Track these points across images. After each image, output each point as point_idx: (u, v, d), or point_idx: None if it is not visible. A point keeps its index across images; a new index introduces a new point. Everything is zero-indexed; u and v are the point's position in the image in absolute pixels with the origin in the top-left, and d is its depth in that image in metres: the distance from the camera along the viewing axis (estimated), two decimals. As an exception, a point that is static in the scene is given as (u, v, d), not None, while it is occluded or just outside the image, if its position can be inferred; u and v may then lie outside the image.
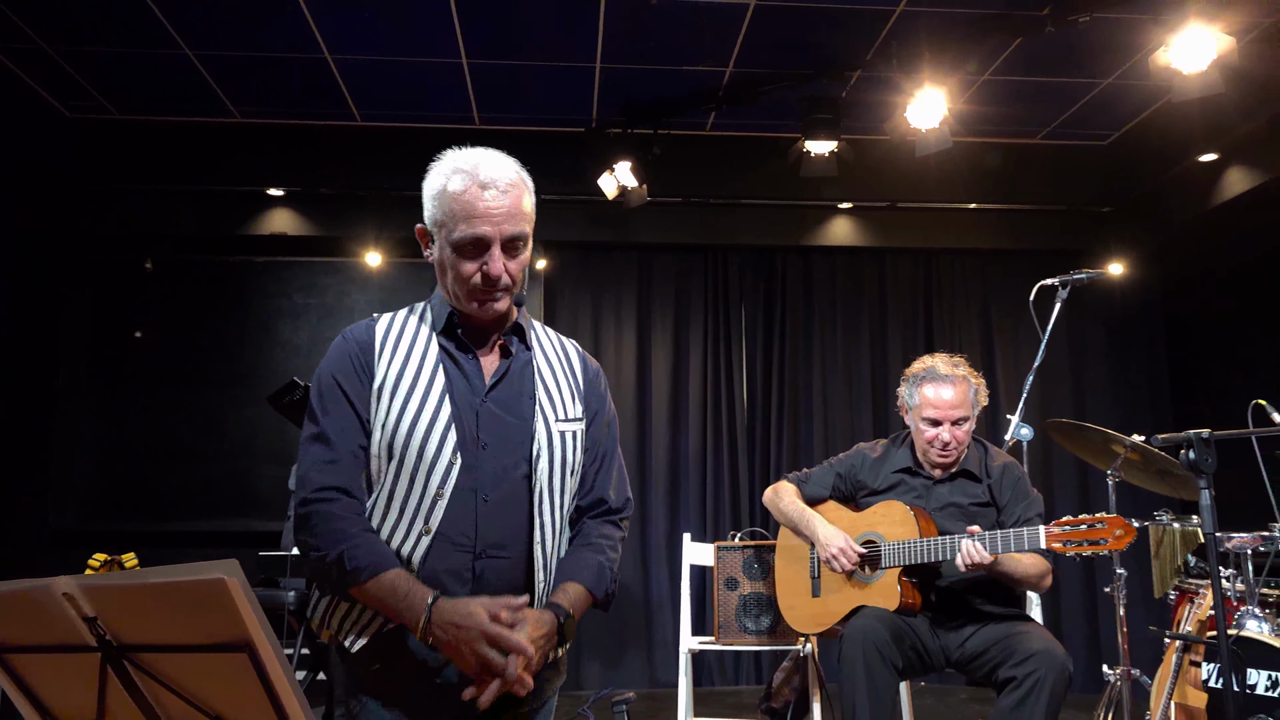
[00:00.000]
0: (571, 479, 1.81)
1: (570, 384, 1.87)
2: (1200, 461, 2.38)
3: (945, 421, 3.08)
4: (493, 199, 1.73)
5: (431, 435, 1.70)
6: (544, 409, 1.79)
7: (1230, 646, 2.36)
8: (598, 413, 1.90)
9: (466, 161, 1.77)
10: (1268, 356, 5.34)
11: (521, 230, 1.75)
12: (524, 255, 1.78)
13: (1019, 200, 6.14)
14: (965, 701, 5.24)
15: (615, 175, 5.45)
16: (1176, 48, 4.04)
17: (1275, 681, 2.91)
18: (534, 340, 1.87)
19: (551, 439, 1.77)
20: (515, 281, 1.76)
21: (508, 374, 1.79)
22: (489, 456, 1.72)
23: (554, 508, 1.77)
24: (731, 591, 3.65)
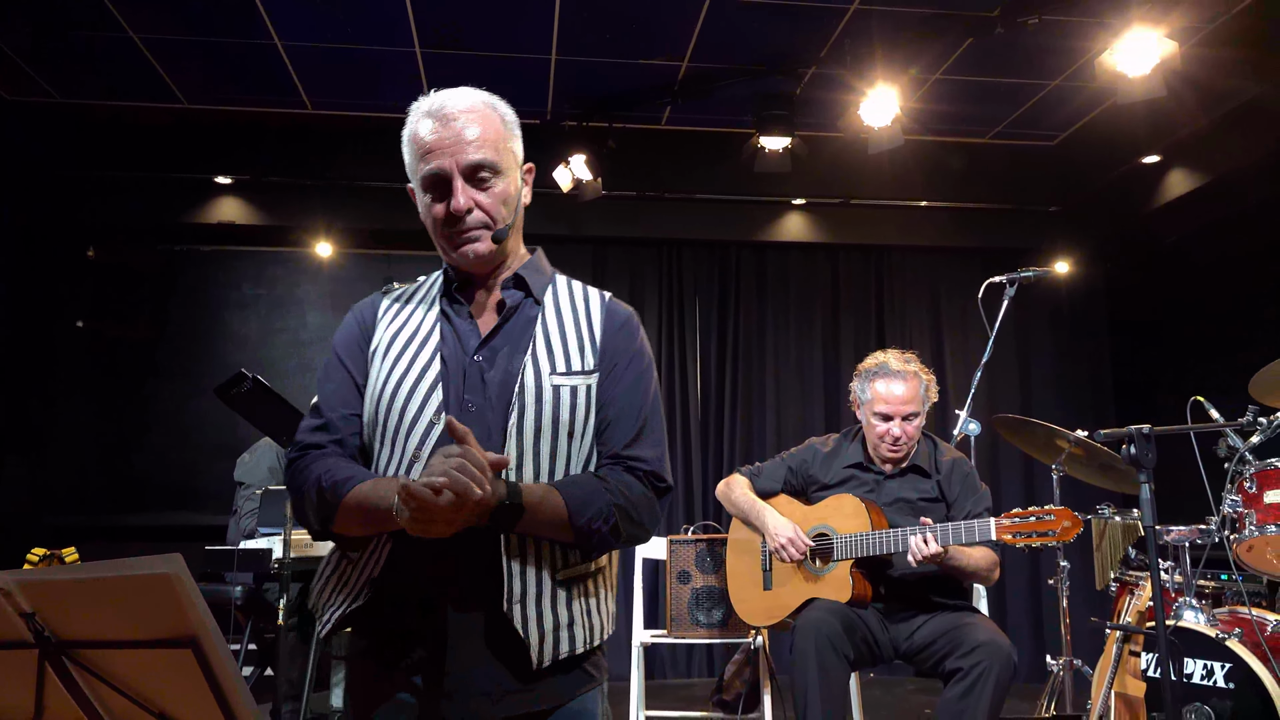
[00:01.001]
0: (572, 441, 1.58)
1: (582, 334, 1.64)
2: (1141, 456, 2.43)
3: (896, 417, 3.12)
4: (446, 130, 1.61)
5: (414, 396, 1.58)
6: (538, 360, 1.58)
7: (1168, 637, 2.42)
8: (615, 365, 1.65)
9: (429, 101, 1.67)
10: (1207, 354, 5.49)
11: (484, 158, 1.59)
12: (501, 187, 1.62)
13: (969, 199, 6.23)
14: (913, 692, 5.31)
15: (570, 168, 5.43)
16: (1121, 51, 4.13)
17: (1210, 671, 3.00)
18: (545, 289, 1.68)
19: (542, 393, 1.55)
20: (493, 216, 1.61)
21: (504, 328, 1.62)
22: (474, 417, 1.54)
23: (540, 472, 1.54)
24: (684, 585, 3.66)
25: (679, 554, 3.69)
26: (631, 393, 1.66)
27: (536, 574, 1.51)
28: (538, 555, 1.51)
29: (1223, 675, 2.97)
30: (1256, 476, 3.05)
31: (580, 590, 1.56)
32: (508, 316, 1.64)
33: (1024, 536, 2.71)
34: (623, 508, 1.56)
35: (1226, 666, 2.96)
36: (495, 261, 1.67)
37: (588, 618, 1.57)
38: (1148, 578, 2.51)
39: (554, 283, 1.72)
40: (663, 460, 1.69)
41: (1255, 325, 5.13)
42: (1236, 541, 3.06)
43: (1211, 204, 5.44)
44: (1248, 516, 3.03)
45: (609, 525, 1.53)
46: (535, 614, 1.49)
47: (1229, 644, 2.96)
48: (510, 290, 1.66)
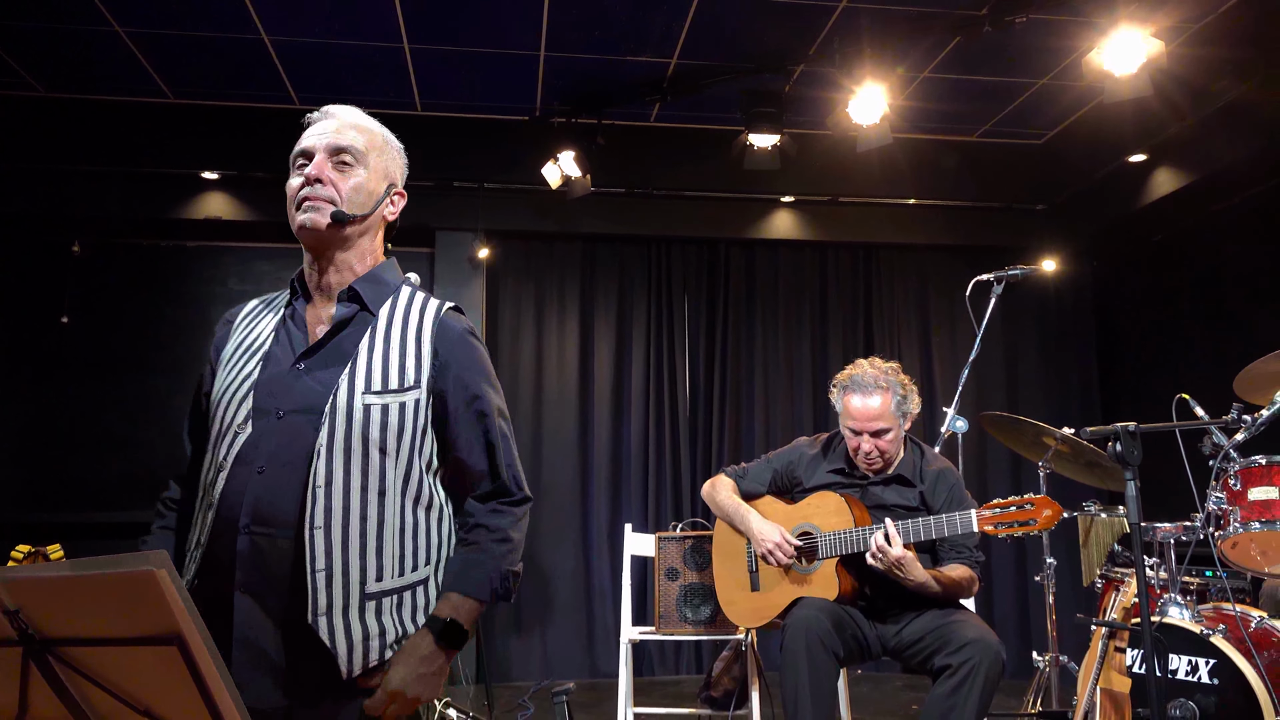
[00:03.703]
0: (386, 458, 1.59)
1: (408, 351, 1.65)
2: (1127, 454, 2.44)
3: (865, 432, 3.10)
4: (328, 122, 1.74)
5: (232, 403, 1.62)
6: (354, 377, 1.59)
7: (1153, 633, 2.43)
8: (449, 376, 1.68)
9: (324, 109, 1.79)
10: (1192, 352, 5.52)
11: (349, 144, 1.70)
12: (358, 179, 1.70)
13: (957, 196, 6.25)
14: (901, 689, 5.33)
15: (559, 165, 5.42)
16: (1108, 50, 4.15)
17: (1195, 667, 3.02)
18: (384, 302, 1.70)
19: (352, 412, 1.57)
20: (341, 196, 1.67)
21: (331, 340, 1.65)
22: (282, 426, 1.57)
23: (350, 490, 1.55)
24: (672, 581, 3.66)
25: (667, 551, 3.69)
26: (476, 422, 1.70)
27: (344, 588, 1.54)
28: (345, 569, 1.54)
29: (1207, 671, 2.99)
30: (1241, 474, 3.07)
31: (394, 603, 1.59)
32: (337, 329, 1.66)
33: (1005, 526, 2.72)
34: (503, 550, 1.69)
35: (1211, 662, 2.98)
36: (325, 243, 1.69)
37: (401, 626, 1.60)
38: (1133, 574, 2.52)
39: (396, 294, 1.73)
40: (517, 475, 1.76)
41: (1240, 324, 5.16)
42: (1221, 538, 3.08)
43: (1198, 203, 5.47)
44: (1232, 513, 3.05)
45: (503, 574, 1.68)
46: (343, 626, 1.53)
47: (1213, 640, 2.98)
48: (344, 302, 1.69)
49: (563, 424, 6.10)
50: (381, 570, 1.57)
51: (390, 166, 1.81)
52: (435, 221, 5.96)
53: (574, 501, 6.04)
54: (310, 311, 1.71)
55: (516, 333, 6.17)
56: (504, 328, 6.16)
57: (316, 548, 1.52)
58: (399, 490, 1.61)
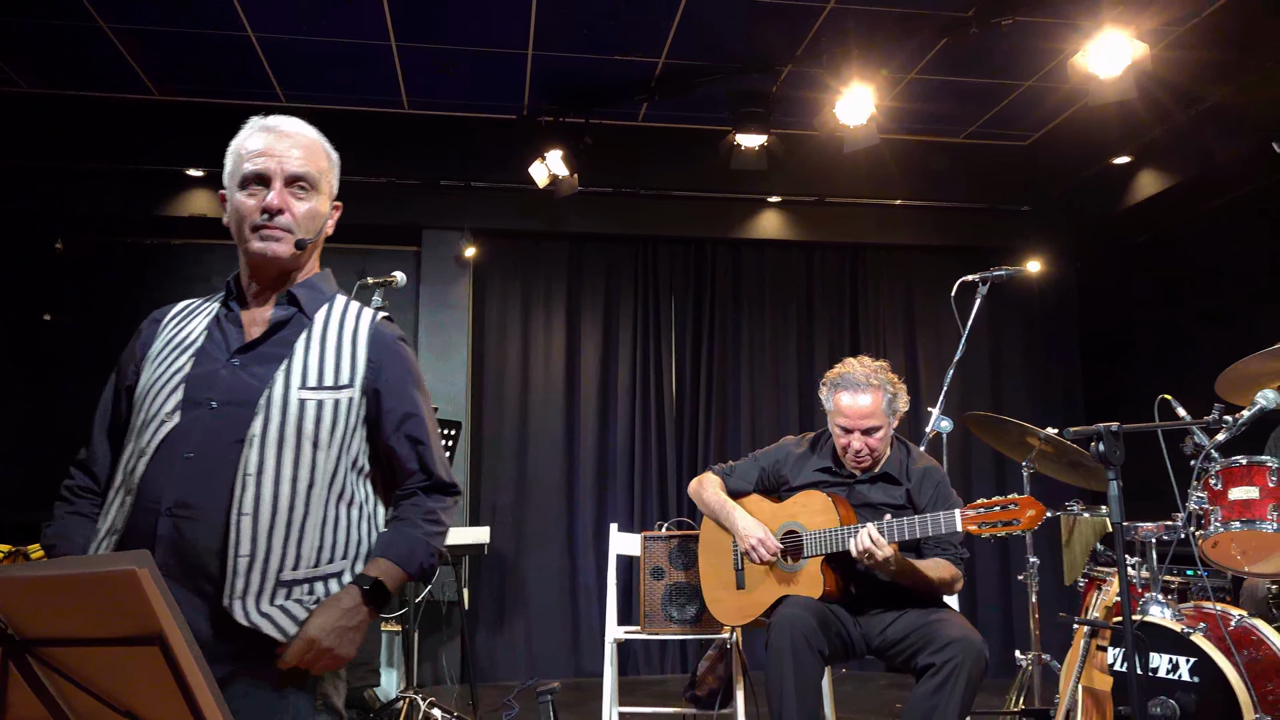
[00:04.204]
0: (318, 451, 1.67)
1: (343, 352, 1.74)
2: (1109, 454, 2.46)
3: (856, 430, 3.11)
4: (279, 140, 1.75)
5: (160, 394, 1.67)
6: (290, 373, 1.68)
7: (1135, 632, 2.45)
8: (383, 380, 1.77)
9: (259, 120, 1.80)
10: (1175, 353, 5.56)
11: (307, 171, 1.74)
12: (313, 204, 1.76)
13: (943, 198, 6.28)
14: (884, 688, 5.35)
15: (546, 164, 5.42)
16: (1093, 53, 4.17)
17: (1176, 665, 3.04)
18: (320, 307, 1.78)
19: (287, 405, 1.65)
20: (298, 224, 1.73)
21: (268, 339, 1.73)
22: (212, 416, 1.64)
23: (280, 480, 1.62)
24: (658, 581, 3.67)
25: (653, 550, 3.70)
26: (408, 423, 1.80)
27: (262, 574, 1.60)
28: (266, 557, 1.61)
29: (1188, 669, 3.01)
30: (1222, 473, 3.10)
31: (304, 590, 1.65)
32: (274, 329, 1.74)
33: (989, 526, 2.73)
34: (433, 530, 1.77)
35: (1192, 661, 3.01)
36: (285, 269, 1.77)
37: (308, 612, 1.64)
38: (1115, 573, 2.54)
39: (332, 302, 1.81)
40: (446, 468, 1.85)
41: (1222, 325, 5.20)
42: (1202, 538, 3.10)
43: (1182, 204, 5.51)
44: (1213, 513, 3.07)
45: (431, 553, 1.76)
46: (255, 608, 1.59)
47: (1194, 638, 3.00)
48: (283, 305, 1.76)
49: (549, 423, 6.10)
50: (299, 560, 1.64)
51: (333, 184, 1.86)
52: (422, 220, 5.95)
53: (560, 501, 6.04)
54: (246, 314, 1.77)
55: (503, 332, 6.17)
56: (490, 327, 6.15)
57: (242, 534, 1.58)
58: (326, 484, 1.68)
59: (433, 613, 5.53)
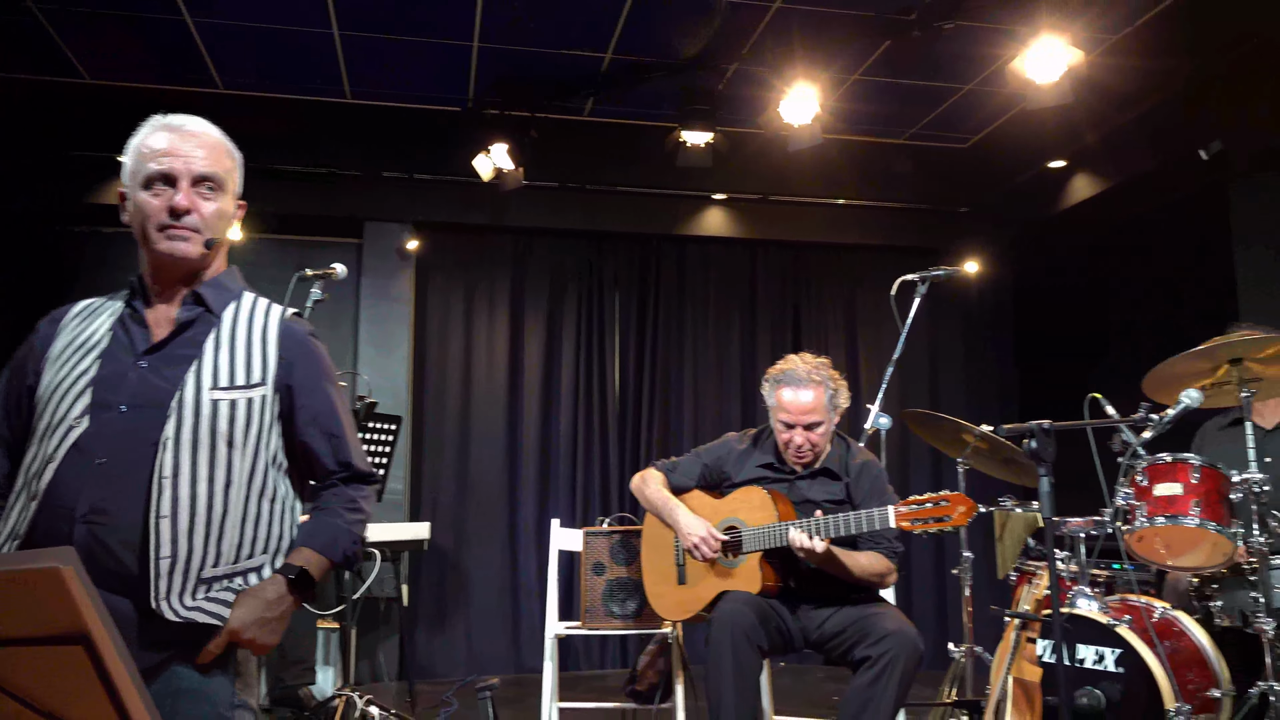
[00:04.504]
0: (233, 450, 1.67)
1: (253, 350, 1.75)
2: (1041, 451, 2.52)
3: (798, 425, 3.15)
4: (184, 140, 1.74)
5: (66, 398, 1.65)
6: (200, 374, 1.68)
7: (1063, 624, 2.51)
8: (296, 377, 1.78)
9: (162, 119, 1.79)
10: (1105, 353, 5.71)
11: (214, 172, 1.74)
12: (219, 204, 1.75)
13: (884, 198, 6.37)
14: (822, 680, 5.42)
15: (491, 157, 5.38)
16: (1031, 58, 4.26)
17: (1102, 656, 3.13)
18: (227, 305, 1.78)
19: (200, 406, 1.65)
20: (206, 224, 1.72)
21: (175, 339, 1.71)
22: (123, 420, 1.63)
23: (197, 480, 1.62)
24: (599, 576, 3.67)
25: (594, 546, 3.70)
26: (326, 414, 1.82)
27: (184, 573, 1.61)
28: (188, 557, 1.61)
29: (1113, 660, 3.10)
30: (1147, 470, 3.19)
31: (224, 585, 1.66)
32: (181, 329, 1.73)
33: (922, 523, 2.78)
34: (355, 519, 1.80)
35: (1117, 652, 3.10)
36: (192, 269, 1.76)
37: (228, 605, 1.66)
38: (1045, 567, 2.60)
39: (239, 300, 1.81)
40: (363, 458, 1.87)
41: (1151, 326, 5.35)
42: (1128, 532, 3.20)
43: (1113, 209, 5.66)
44: (1139, 509, 3.17)
45: (355, 540, 1.79)
46: (180, 606, 1.60)
47: (1119, 630, 3.09)
48: (189, 305, 1.75)
49: (491, 419, 6.07)
50: (220, 557, 1.65)
51: (238, 182, 1.85)
52: (364, 212, 5.87)
53: (501, 497, 6.02)
54: (151, 314, 1.75)
55: (446, 326, 6.11)
56: (433, 321, 6.10)
57: (162, 536, 1.59)
58: (244, 482, 1.69)
59: (371, 610, 5.46)
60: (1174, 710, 2.93)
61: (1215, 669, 3.18)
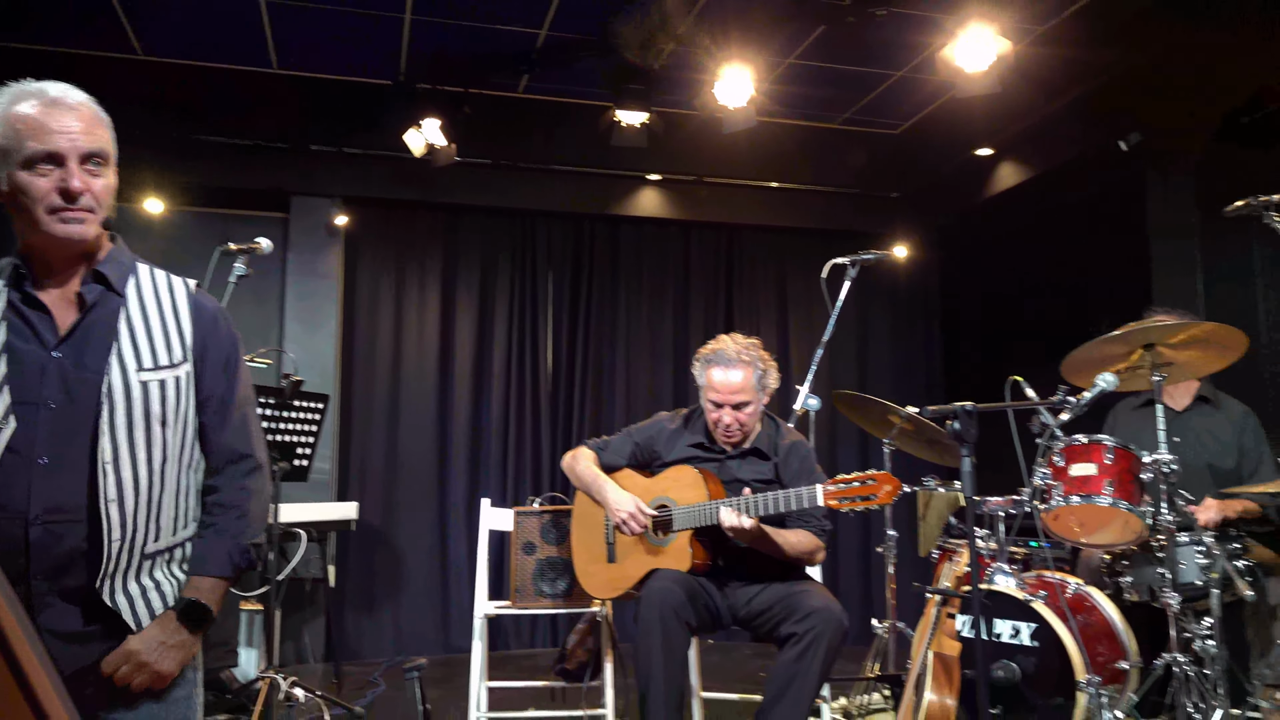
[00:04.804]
0: (166, 429, 1.69)
1: (169, 327, 1.74)
2: (964, 431, 2.58)
3: (727, 405, 3.18)
4: (66, 115, 1.65)
5: None
6: (124, 357, 1.66)
7: (981, 600, 2.58)
8: (206, 357, 1.77)
9: (31, 87, 1.69)
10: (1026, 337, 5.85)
11: (101, 148, 1.67)
12: (108, 179, 1.69)
13: (817, 181, 6.44)
14: (750, 657, 5.50)
15: (422, 132, 5.29)
16: (961, 47, 4.33)
17: (1018, 630, 3.23)
18: (128, 283, 1.73)
19: (130, 390, 1.65)
20: (100, 203, 1.67)
21: (86, 323, 1.67)
22: (54, 416, 1.61)
23: (137, 463, 1.65)
24: (529, 556, 3.67)
25: (524, 525, 3.69)
26: (226, 385, 1.81)
27: (130, 553, 1.65)
28: (134, 536, 1.65)
29: (1029, 634, 3.20)
30: (1064, 451, 3.29)
31: (165, 559, 1.71)
32: (88, 311, 1.68)
33: (849, 501, 2.83)
34: (247, 530, 1.78)
35: (1032, 626, 3.20)
36: (88, 249, 1.71)
37: (173, 578, 1.73)
38: (966, 545, 2.67)
39: (135, 273, 1.77)
40: (256, 443, 1.84)
41: (1069, 311, 5.50)
42: (1044, 511, 3.30)
43: (1037, 197, 5.80)
44: (1055, 488, 3.27)
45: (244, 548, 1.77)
46: (121, 585, 1.65)
47: (1035, 606, 3.20)
48: (89, 285, 1.70)
49: (421, 397, 6.00)
50: (159, 532, 1.69)
51: (113, 145, 1.76)
52: (290, 185, 5.74)
53: (430, 476, 5.96)
54: (46, 297, 1.68)
55: (375, 303, 6.02)
56: (362, 298, 5.99)
57: (113, 520, 1.61)
58: (176, 457, 1.72)
59: (296, 590, 5.38)
60: (1084, 681, 3.04)
61: (1124, 642, 3.31)
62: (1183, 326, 3.19)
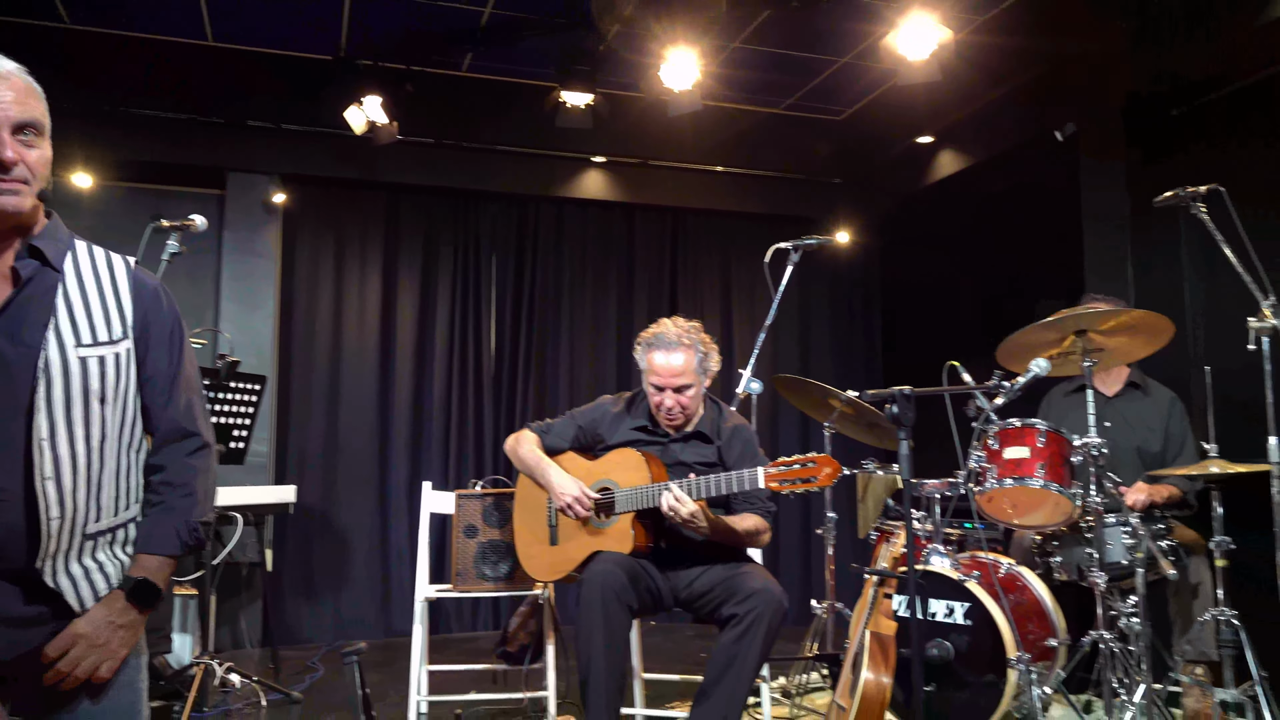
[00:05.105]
0: (105, 406, 1.66)
1: (108, 303, 1.70)
2: (902, 415, 2.62)
3: (668, 388, 3.19)
4: None
5: None
6: (61, 333, 1.62)
7: (917, 580, 2.64)
8: (148, 335, 1.75)
9: None
10: (964, 323, 5.97)
11: (34, 119, 1.62)
12: (43, 150, 1.64)
13: (761, 166, 6.47)
14: (691, 638, 5.55)
15: (364, 109, 5.20)
16: (903, 34, 4.38)
17: (952, 610, 3.31)
18: (64, 257, 1.69)
19: (68, 366, 1.61)
20: (34, 175, 1.62)
21: (21, 298, 1.63)
22: None
23: (75, 440, 1.61)
24: (471, 539, 3.65)
25: (466, 508, 3.67)
26: (172, 372, 1.78)
27: (69, 532, 1.62)
28: (74, 515, 1.62)
29: (962, 613, 3.28)
30: (999, 434, 3.37)
31: (109, 540, 1.69)
32: (23, 286, 1.64)
33: (790, 483, 2.86)
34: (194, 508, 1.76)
35: (966, 605, 3.28)
36: (22, 223, 1.67)
37: (116, 559, 1.70)
38: (903, 527, 2.72)
39: (73, 249, 1.73)
40: (200, 421, 1.82)
41: (1006, 298, 5.61)
42: (979, 493, 3.38)
43: (976, 185, 5.90)
44: (990, 471, 3.35)
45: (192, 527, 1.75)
46: (64, 566, 1.62)
47: (969, 585, 3.27)
48: (25, 260, 1.66)
49: (362, 379, 5.92)
50: (101, 512, 1.66)
51: (47, 114, 1.71)
52: (227, 162, 5.60)
53: (371, 459, 5.90)
54: None
55: (314, 283, 5.91)
56: (301, 278, 5.88)
57: (50, 498, 1.58)
58: (116, 436, 1.69)
59: (232, 575, 5.29)
60: (1015, 659, 3.12)
61: (1053, 620, 3.41)
62: (1113, 313, 3.27)
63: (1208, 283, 4.43)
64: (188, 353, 1.81)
